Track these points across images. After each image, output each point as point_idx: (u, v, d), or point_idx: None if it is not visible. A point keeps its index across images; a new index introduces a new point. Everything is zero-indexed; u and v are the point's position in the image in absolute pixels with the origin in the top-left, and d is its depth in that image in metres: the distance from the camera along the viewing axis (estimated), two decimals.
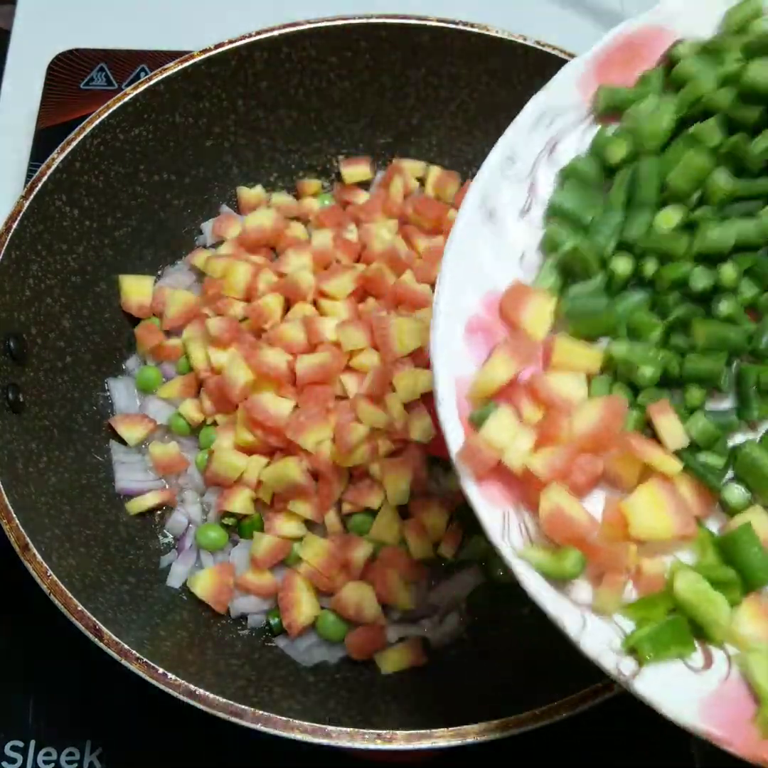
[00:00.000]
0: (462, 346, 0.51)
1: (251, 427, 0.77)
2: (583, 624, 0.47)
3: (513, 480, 0.49)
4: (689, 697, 0.46)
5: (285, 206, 0.93)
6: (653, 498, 0.48)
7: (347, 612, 0.74)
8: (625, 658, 0.46)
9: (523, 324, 0.52)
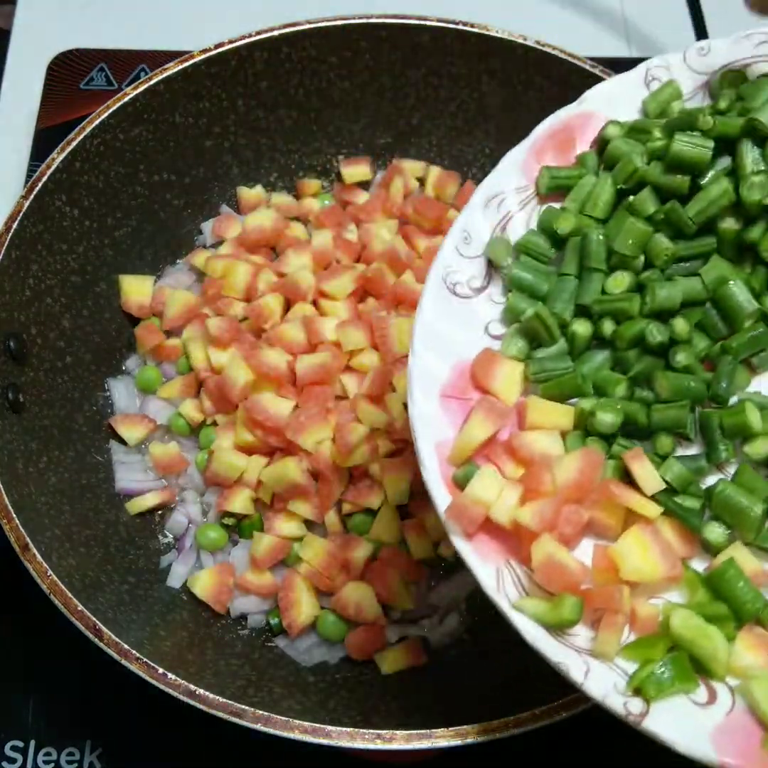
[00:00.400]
0: (439, 412, 0.54)
1: (251, 427, 0.77)
2: (586, 669, 0.47)
3: (502, 534, 0.51)
4: (699, 731, 0.46)
5: (285, 206, 0.93)
6: (639, 542, 0.50)
7: (347, 612, 0.74)
8: (631, 699, 0.47)
9: (495, 390, 0.55)
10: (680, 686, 0.47)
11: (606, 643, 0.48)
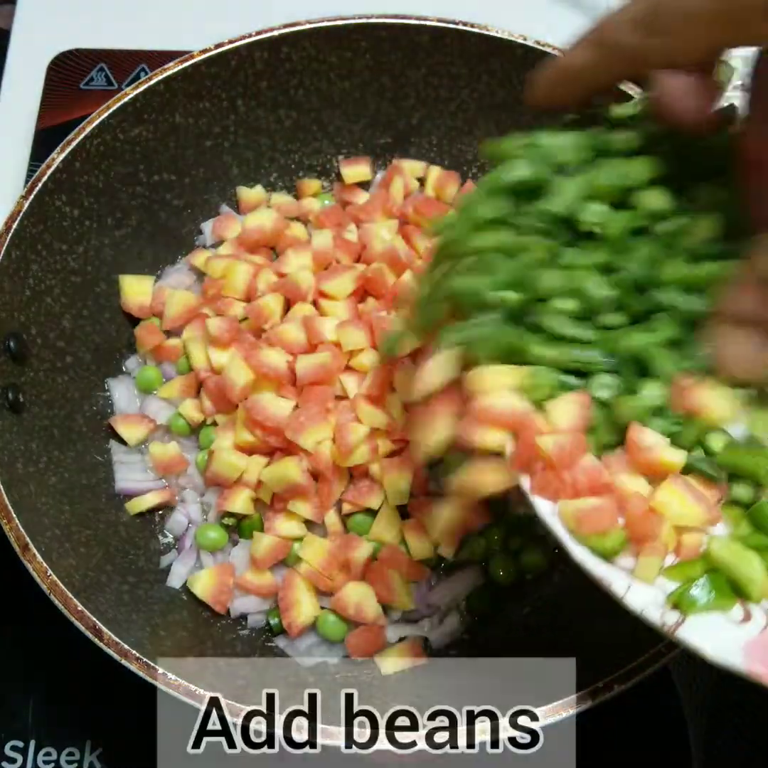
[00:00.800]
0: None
1: (251, 427, 0.77)
2: (628, 586, 0.50)
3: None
4: (730, 642, 0.48)
5: (285, 206, 0.93)
6: (674, 492, 0.51)
7: (347, 612, 0.74)
8: (669, 612, 0.49)
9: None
10: (717, 603, 0.49)
11: (647, 566, 0.50)
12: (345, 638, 0.75)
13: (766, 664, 0.47)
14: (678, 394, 0.52)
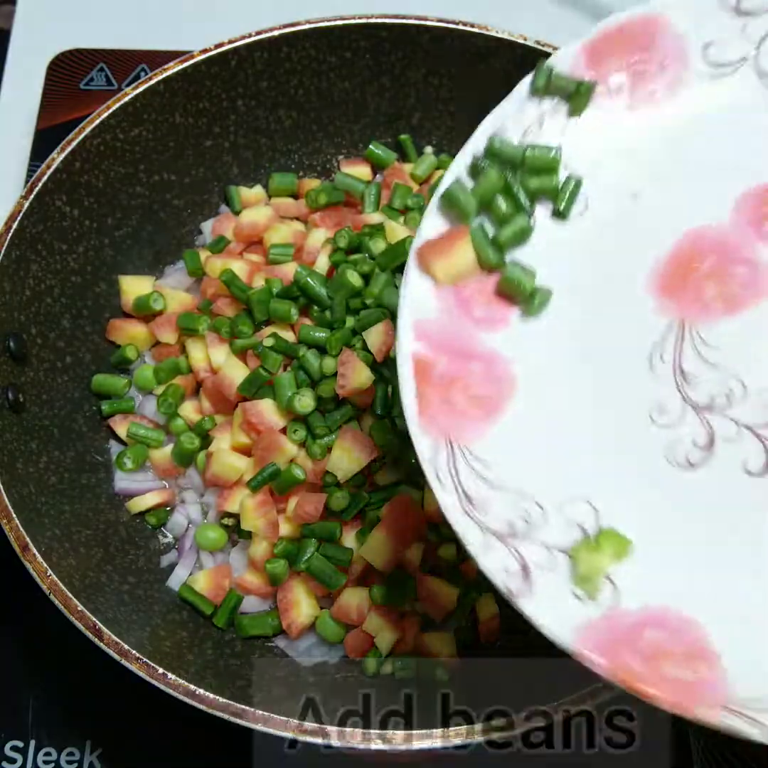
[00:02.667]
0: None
1: (247, 430, 0.77)
2: (485, 546, 0.50)
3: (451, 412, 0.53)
4: (568, 621, 0.48)
5: (284, 206, 0.93)
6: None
7: (350, 618, 0.73)
8: (515, 579, 0.49)
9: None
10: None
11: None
12: (343, 639, 0.75)
13: (594, 648, 0.47)
14: None
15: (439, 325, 0.56)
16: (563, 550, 0.51)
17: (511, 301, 0.57)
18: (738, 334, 0.56)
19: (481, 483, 0.52)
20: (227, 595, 0.76)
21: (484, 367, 0.56)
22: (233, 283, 0.82)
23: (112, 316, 0.87)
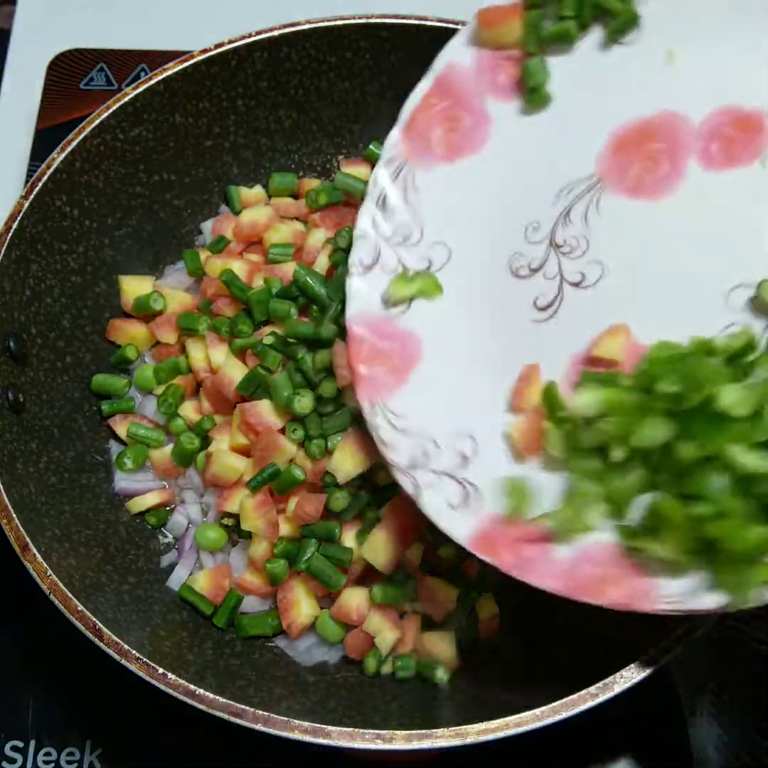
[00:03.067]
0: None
1: (245, 431, 0.77)
2: (397, 474, 0.66)
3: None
4: (466, 522, 0.64)
5: (284, 206, 0.93)
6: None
7: (350, 618, 0.73)
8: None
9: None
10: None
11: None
12: (343, 639, 0.75)
13: (482, 545, 0.62)
14: None
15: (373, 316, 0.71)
16: (447, 473, 0.67)
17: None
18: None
19: (392, 431, 0.67)
20: (227, 595, 0.76)
21: (399, 345, 0.71)
22: (233, 283, 0.82)
23: (112, 316, 0.87)
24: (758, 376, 0.59)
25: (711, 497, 0.56)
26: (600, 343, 0.68)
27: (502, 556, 0.61)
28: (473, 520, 0.64)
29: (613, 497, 0.61)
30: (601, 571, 0.60)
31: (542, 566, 0.61)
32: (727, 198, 0.68)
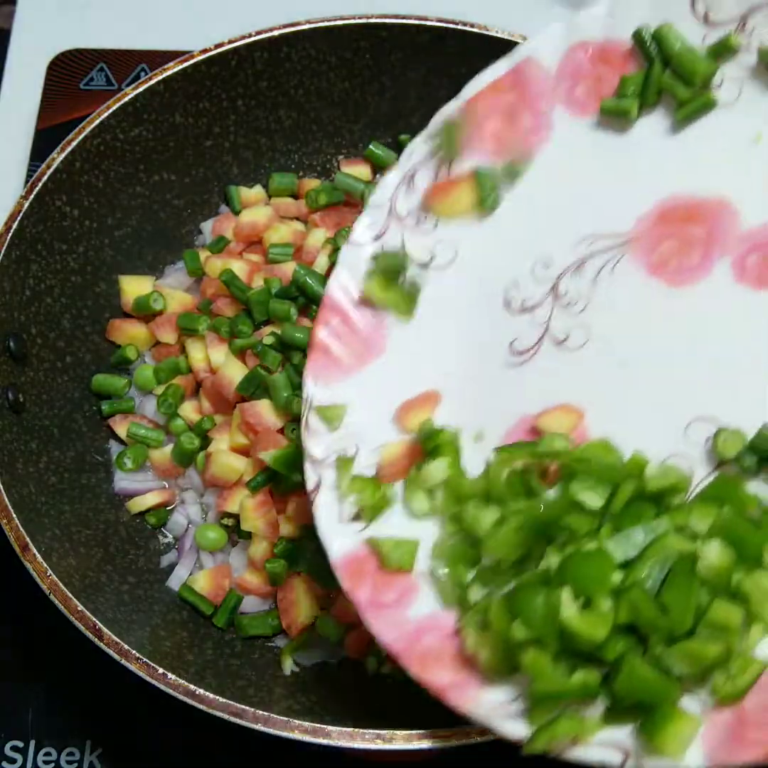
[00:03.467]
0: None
1: (245, 431, 0.77)
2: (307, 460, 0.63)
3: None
4: (344, 542, 0.61)
5: (284, 206, 0.93)
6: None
7: (351, 618, 0.73)
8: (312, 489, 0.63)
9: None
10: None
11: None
12: (344, 638, 0.75)
13: (355, 579, 0.59)
14: None
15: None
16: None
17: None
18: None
19: (317, 419, 0.63)
20: (227, 595, 0.76)
21: (370, 331, 0.66)
22: (233, 283, 0.82)
23: (112, 316, 0.87)
24: (657, 527, 0.54)
25: (531, 622, 0.51)
26: (548, 416, 0.63)
27: (360, 590, 0.59)
28: (352, 542, 0.61)
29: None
30: (438, 646, 0.57)
31: (391, 619, 0.58)
32: (743, 319, 0.61)
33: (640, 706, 0.51)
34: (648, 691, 0.50)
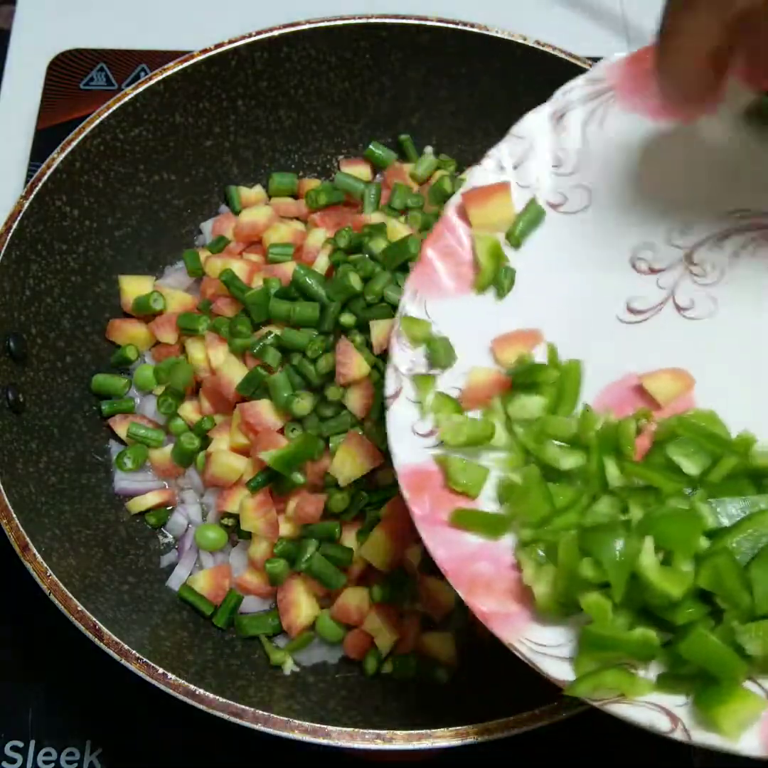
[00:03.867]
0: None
1: (245, 431, 0.77)
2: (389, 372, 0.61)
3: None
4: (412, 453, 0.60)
5: (284, 206, 0.93)
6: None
7: (350, 618, 0.73)
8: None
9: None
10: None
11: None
12: (343, 639, 0.75)
13: (415, 490, 0.58)
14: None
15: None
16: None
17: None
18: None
19: (405, 331, 0.62)
20: (227, 595, 0.76)
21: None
22: (233, 284, 0.82)
23: (112, 316, 0.87)
24: (757, 503, 0.53)
25: (604, 563, 0.51)
26: (656, 378, 0.61)
27: (419, 502, 0.58)
28: (421, 455, 0.60)
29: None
30: (490, 575, 0.56)
31: (445, 537, 0.57)
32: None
33: (700, 677, 0.50)
34: (715, 662, 0.49)
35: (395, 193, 0.90)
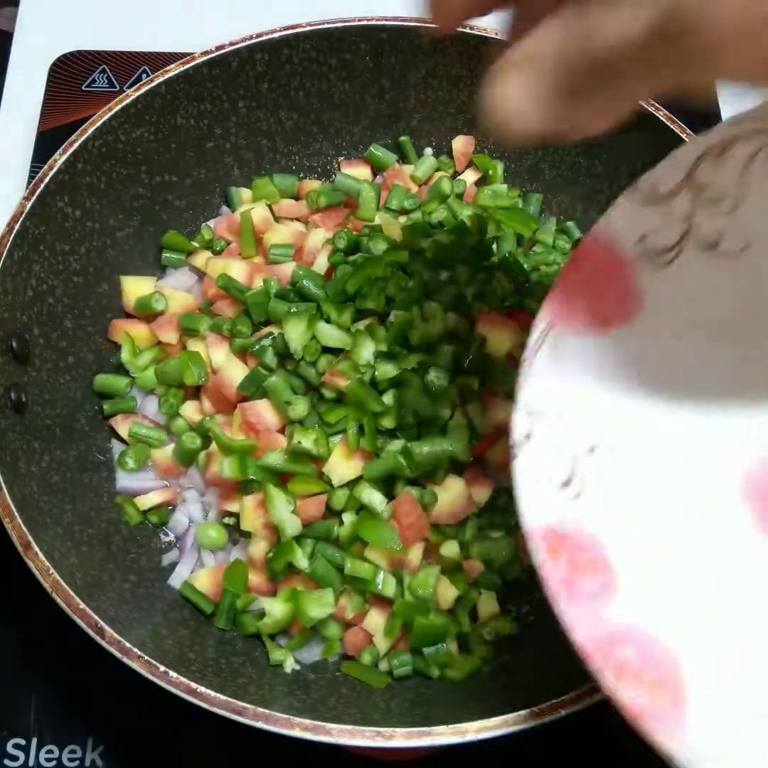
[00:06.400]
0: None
1: (246, 430, 0.77)
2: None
3: None
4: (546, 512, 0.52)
5: (285, 206, 0.93)
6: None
7: (350, 617, 0.74)
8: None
9: None
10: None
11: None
12: (343, 637, 0.75)
13: (553, 551, 0.50)
14: None
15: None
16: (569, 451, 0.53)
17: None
18: None
19: (549, 363, 0.53)
20: (223, 595, 0.76)
21: (622, 285, 0.55)
22: (231, 287, 0.82)
23: (114, 317, 0.87)
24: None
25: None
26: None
27: (556, 566, 0.50)
28: (558, 511, 0.51)
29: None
30: (640, 664, 0.49)
31: (587, 610, 0.50)
32: None
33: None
34: None
35: (392, 195, 0.90)
